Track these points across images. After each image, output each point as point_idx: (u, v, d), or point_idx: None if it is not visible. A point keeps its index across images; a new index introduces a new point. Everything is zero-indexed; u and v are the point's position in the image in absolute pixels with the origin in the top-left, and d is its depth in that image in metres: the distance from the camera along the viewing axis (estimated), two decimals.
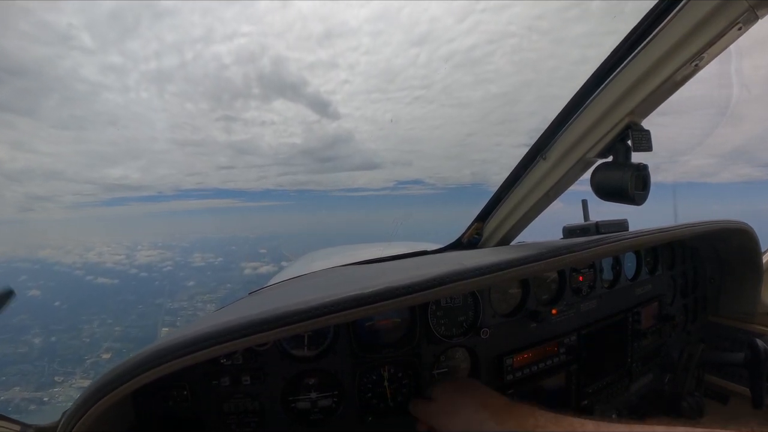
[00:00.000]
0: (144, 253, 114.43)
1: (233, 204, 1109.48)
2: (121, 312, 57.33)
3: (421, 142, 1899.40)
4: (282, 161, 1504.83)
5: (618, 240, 1.23)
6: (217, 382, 1.22)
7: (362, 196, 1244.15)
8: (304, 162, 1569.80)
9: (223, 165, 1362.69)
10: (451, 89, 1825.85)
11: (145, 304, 59.38)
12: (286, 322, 0.81)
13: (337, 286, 1.02)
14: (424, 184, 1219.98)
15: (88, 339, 44.43)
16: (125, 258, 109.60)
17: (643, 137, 1.12)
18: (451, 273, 0.92)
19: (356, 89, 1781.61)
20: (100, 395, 0.81)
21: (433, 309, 1.42)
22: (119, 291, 73.16)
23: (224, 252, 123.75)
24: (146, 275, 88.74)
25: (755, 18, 0.87)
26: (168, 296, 63.05)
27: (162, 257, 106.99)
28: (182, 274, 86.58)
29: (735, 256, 2.18)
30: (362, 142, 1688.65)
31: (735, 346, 2.20)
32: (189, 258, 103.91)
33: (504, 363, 1.47)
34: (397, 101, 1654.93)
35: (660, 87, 1.03)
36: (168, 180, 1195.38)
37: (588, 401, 1.70)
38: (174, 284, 75.00)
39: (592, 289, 1.78)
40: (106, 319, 51.80)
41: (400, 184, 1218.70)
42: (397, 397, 1.38)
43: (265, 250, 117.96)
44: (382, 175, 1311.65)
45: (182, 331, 0.86)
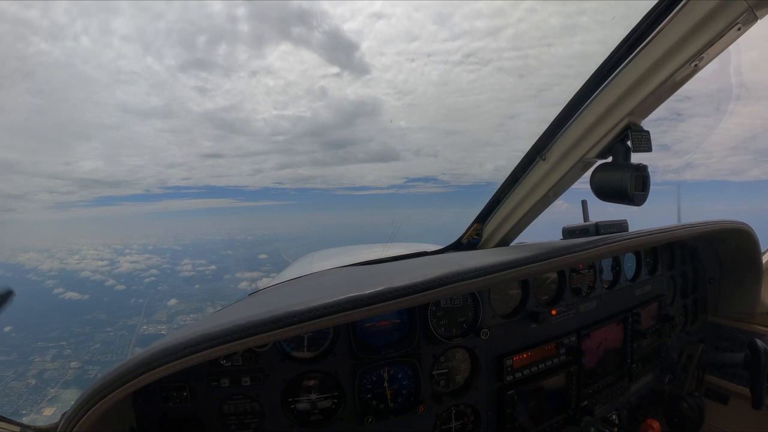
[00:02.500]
0: (129, 259, 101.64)
1: (231, 204, 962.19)
2: (85, 338, 46.63)
3: (458, 121, 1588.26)
4: (282, 148, 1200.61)
5: (617, 241, 1.23)
6: (217, 383, 1.22)
7: (370, 194, 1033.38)
8: (311, 149, 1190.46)
9: (208, 152, 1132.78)
10: (524, 39, 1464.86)
11: (115, 327, 49.86)
12: (286, 323, 0.81)
13: (337, 287, 1.02)
14: (437, 181, 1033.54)
15: (34, 380, 34.47)
16: (107, 264, 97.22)
17: (643, 138, 1.12)
18: (450, 274, 0.92)
19: (390, 32, 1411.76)
20: (100, 396, 0.81)
21: (433, 310, 1.42)
22: (89, 308, 60.82)
23: (218, 257, 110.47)
24: (123, 288, 73.76)
25: (754, 18, 0.87)
26: (144, 315, 53.79)
27: (148, 263, 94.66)
28: (165, 288, 73.68)
29: (734, 256, 2.18)
30: (388, 118, 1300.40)
31: (735, 347, 2.20)
32: (177, 265, 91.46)
33: (504, 364, 1.47)
34: (444, 56, 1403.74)
35: (660, 87, 1.03)
36: (145, 173, 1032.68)
37: (588, 402, 1.69)
38: (153, 301, 62.59)
39: (592, 289, 1.78)
40: (64, 348, 43.03)
41: (411, 181, 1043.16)
42: (397, 399, 1.38)
43: (266, 256, 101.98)
44: (395, 170, 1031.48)
45: (182, 332, 0.86)
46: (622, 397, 1.87)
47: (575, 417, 1.64)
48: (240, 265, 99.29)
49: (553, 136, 1.35)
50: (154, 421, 1.18)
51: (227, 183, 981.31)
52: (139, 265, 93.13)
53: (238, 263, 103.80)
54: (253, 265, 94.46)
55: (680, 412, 1.88)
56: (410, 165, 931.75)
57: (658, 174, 1.23)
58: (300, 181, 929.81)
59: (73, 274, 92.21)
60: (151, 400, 1.17)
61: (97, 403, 0.81)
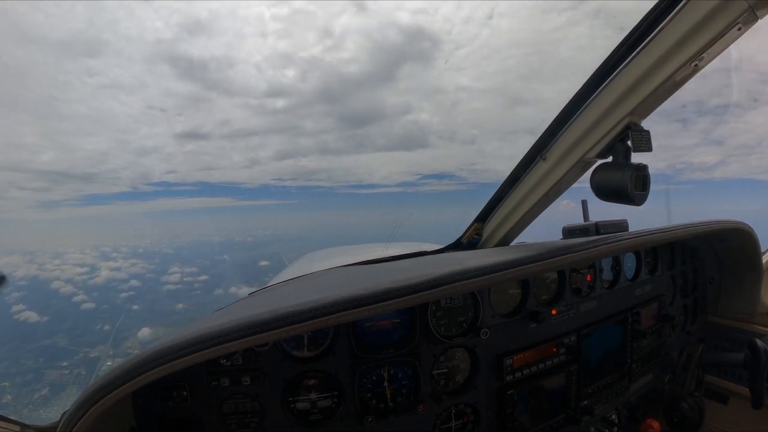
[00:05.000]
0: (112, 265, 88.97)
1: (231, 203, 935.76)
2: (33, 378, 34.92)
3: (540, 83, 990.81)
4: (283, 124, 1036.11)
5: (617, 240, 1.23)
6: (217, 382, 1.22)
7: (376, 193, 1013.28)
8: (322, 126, 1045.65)
9: (184, 129, 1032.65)
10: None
11: (73, 361, 38.69)
12: (286, 322, 0.81)
13: (337, 286, 1.02)
14: (454, 178, 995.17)
15: None
16: (86, 272, 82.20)
17: (643, 137, 1.13)
18: (450, 273, 0.92)
19: None
20: (100, 396, 0.81)
21: (433, 309, 1.42)
22: (48, 332, 47.63)
23: (213, 263, 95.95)
24: (92, 308, 58.57)
25: (755, 18, 0.87)
26: (111, 346, 42.90)
27: (131, 271, 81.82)
28: (141, 308, 60.38)
29: (735, 256, 2.18)
30: (442, 67, 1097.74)
31: (735, 347, 2.20)
32: (164, 274, 77.09)
33: (504, 363, 1.47)
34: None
35: (660, 87, 1.03)
36: (115, 163, 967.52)
37: (588, 401, 1.70)
38: (125, 327, 49.33)
39: (592, 289, 1.78)
40: (4, 392, 31.51)
41: (425, 178, 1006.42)
42: (397, 398, 1.38)
43: (267, 263, 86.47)
44: (411, 164, 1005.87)
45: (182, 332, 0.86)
46: (622, 397, 1.88)
47: (575, 417, 1.64)
48: (236, 273, 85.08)
49: (553, 136, 1.35)
50: (154, 420, 1.18)
51: (221, 179, 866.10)
52: (119, 274, 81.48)
53: (235, 270, 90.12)
54: (252, 274, 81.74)
55: (680, 411, 1.89)
56: (435, 155, 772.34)
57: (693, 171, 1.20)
58: (304, 174, 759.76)
59: (43, 285, 78.97)
60: (151, 400, 1.17)
61: (97, 402, 0.81)
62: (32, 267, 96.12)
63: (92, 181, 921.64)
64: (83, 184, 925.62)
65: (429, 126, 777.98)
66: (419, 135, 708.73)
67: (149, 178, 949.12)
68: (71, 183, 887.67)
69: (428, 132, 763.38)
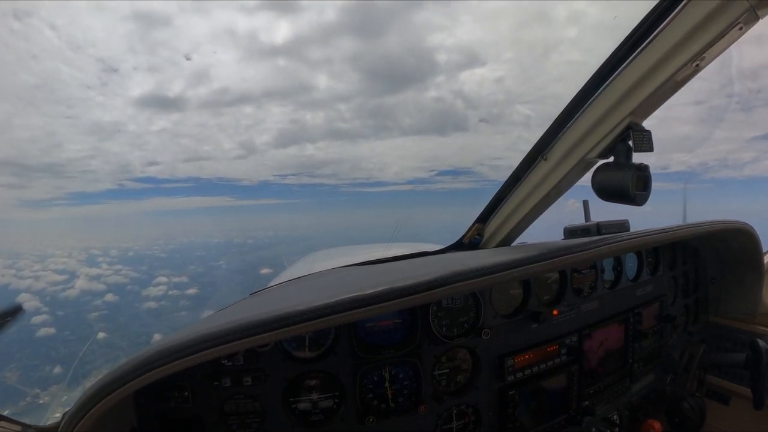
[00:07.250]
0: (94, 272, 77.24)
1: (228, 203, 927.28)
2: None
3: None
4: (287, 87, 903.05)
5: (619, 240, 1.23)
6: (219, 383, 1.22)
7: (384, 192, 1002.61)
8: (342, 86, 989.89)
9: (143, 92, 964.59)
10: None
11: (18, 407, 26.36)
12: (287, 323, 0.81)
13: (338, 287, 1.02)
14: (472, 174, 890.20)
15: None
16: (62, 281, 70.69)
17: (644, 138, 1.13)
18: (452, 274, 0.92)
19: None
20: (102, 396, 0.81)
21: (435, 310, 1.42)
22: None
23: (206, 270, 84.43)
24: (52, 334, 45.97)
25: (756, 18, 0.87)
26: (65, 390, 25.93)
27: (111, 281, 69.24)
28: (109, 336, 44.40)
29: (736, 256, 2.18)
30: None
31: (736, 347, 2.19)
32: (148, 285, 65.46)
33: (505, 364, 1.47)
34: None
35: (661, 87, 1.03)
36: (74, 149, 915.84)
37: (589, 402, 1.69)
38: (87, 360, 32.14)
39: (594, 289, 1.78)
40: None
41: (440, 174, 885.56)
42: (399, 398, 1.38)
43: (269, 271, 61.25)
44: (426, 159, 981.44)
45: (183, 332, 0.86)
46: (623, 398, 1.87)
47: (576, 417, 1.64)
48: (232, 282, 70.62)
49: (554, 136, 1.35)
50: (155, 420, 1.19)
51: (214, 173, 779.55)
52: (97, 285, 68.97)
53: (231, 278, 76.73)
54: (250, 282, 65.04)
55: (681, 412, 1.88)
56: (468, 144, 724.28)
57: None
58: (308, 168, 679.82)
59: (9, 296, 69.95)
60: (153, 400, 1.17)
61: (98, 402, 0.81)
62: (9, 273, 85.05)
63: (62, 175, 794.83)
64: (55, 179, 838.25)
65: (478, 98, 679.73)
66: (461, 112, 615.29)
67: (131, 173, 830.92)
68: (40, 177, 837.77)
69: (476, 105, 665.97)
